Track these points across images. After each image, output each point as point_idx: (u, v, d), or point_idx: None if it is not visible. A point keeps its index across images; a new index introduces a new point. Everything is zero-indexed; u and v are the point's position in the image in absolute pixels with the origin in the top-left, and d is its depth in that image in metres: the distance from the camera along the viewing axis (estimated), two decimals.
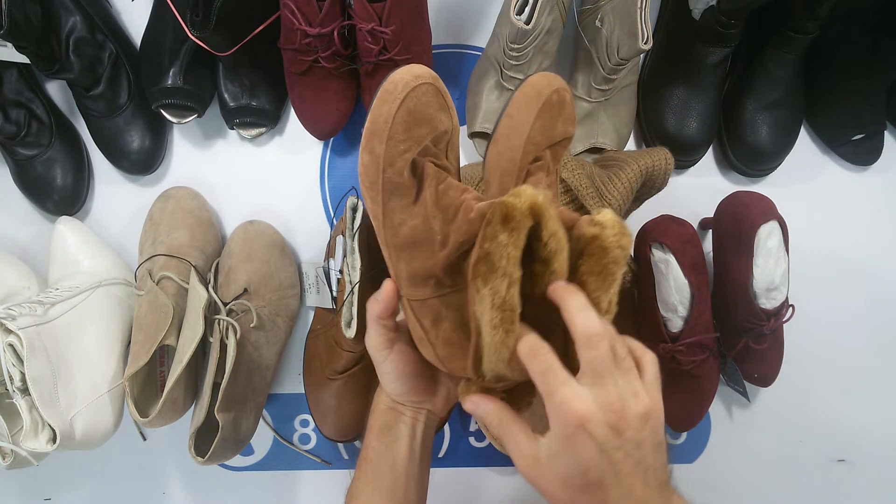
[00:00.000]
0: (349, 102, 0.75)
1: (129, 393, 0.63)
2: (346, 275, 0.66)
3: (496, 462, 0.78)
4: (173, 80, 0.72)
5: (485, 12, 0.81)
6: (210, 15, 0.63)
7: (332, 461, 0.79)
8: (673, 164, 0.66)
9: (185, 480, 0.79)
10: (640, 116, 0.78)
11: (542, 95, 0.44)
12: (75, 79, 0.72)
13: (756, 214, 0.62)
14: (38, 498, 0.78)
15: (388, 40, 0.66)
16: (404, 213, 0.42)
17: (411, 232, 0.42)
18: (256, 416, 0.70)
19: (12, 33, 0.63)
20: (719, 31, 0.69)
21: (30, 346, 0.59)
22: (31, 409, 0.59)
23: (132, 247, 0.76)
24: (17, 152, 0.74)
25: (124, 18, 0.80)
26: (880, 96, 0.76)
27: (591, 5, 0.70)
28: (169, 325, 0.65)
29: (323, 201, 0.80)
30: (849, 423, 0.79)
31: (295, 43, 0.68)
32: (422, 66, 0.41)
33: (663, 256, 0.63)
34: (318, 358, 0.72)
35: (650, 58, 0.78)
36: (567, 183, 0.64)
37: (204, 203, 0.77)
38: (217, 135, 0.80)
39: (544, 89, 0.44)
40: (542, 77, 0.45)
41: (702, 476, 0.79)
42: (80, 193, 0.77)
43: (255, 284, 0.71)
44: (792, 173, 0.79)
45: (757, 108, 0.75)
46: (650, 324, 0.65)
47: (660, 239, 0.63)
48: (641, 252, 0.65)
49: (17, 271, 0.73)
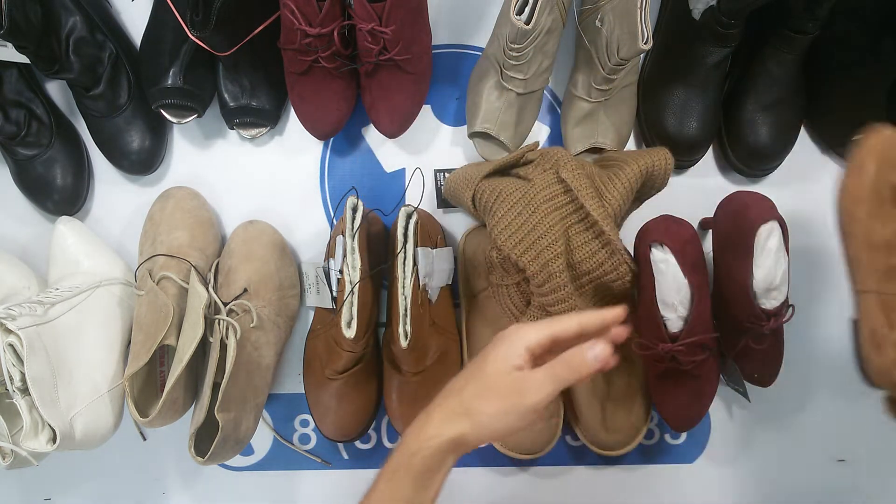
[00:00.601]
0: (349, 102, 0.75)
1: (129, 393, 0.63)
2: (346, 275, 0.66)
3: (496, 462, 0.78)
4: (173, 80, 0.72)
5: (485, 12, 0.81)
6: (210, 15, 0.63)
7: (332, 461, 0.79)
8: (673, 164, 0.66)
9: (186, 480, 0.79)
10: (640, 116, 0.78)
11: None
12: (75, 79, 0.72)
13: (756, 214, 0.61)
14: (38, 498, 0.79)
15: (388, 40, 0.66)
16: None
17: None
18: (256, 416, 0.70)
19: (12, 33, 0.63)
20: (719, 31, 0.69)
21: (30, 346, 0.59)
22: (31, 409, 0.60)
23: (132, 247, 0.76)
24: (17, 152, 0.74)
25: (124, 18, 0.80)
26: (880, 96, 0.76)
27: (591, 5, 0.70)
28: (169, 325, 0.65)
29: (323, 201, 0.80)
30: (849, 423, 0.79)
31: (295, 43, 0.68)
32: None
33: (663, 256, 0.63)
34: (318, 358, 0.72)
35: (650, 58, 0.78)
36: (567, 183, 0.64)
37: (204, 203, 0.77)
38: (217, 135, 0.80)
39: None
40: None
41: (702, 476, 0.79)
42: (80, 193, 0.77)
43: (255, 284, 0.71)
44: (792, 173, 0.79)
45: (757, 108, 0.75)
46: (650, 324, 0.65)
47: (660, 239, 0.63)
48: (641, 252, 0.65)
49: (17, 271, 0.73)
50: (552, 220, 0.62)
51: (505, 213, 0.63)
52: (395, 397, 0.71)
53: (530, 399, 0.42)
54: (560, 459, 0.78)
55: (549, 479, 0.78)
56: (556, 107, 0.81)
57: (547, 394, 0.42)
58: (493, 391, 0.43)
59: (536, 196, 0.64)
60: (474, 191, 0.67)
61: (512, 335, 0.44)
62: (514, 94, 0.71)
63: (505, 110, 0.72)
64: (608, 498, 0.78)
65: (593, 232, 0.63)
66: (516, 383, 0.43)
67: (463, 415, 0.43)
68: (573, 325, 0.44)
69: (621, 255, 0.63)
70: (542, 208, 0.63)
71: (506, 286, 0.68)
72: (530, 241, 0.62)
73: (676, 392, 0.69)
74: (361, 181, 0.80)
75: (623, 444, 0.72)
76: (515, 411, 0.42)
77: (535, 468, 0.78)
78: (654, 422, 0.78)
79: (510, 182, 0.66)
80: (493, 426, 0.43)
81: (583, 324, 0.44)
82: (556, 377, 0.42)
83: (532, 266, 0.61)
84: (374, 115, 0.73)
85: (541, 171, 0.66)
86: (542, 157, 0.67)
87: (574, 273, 0.64)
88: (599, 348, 0.42)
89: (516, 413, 0.42)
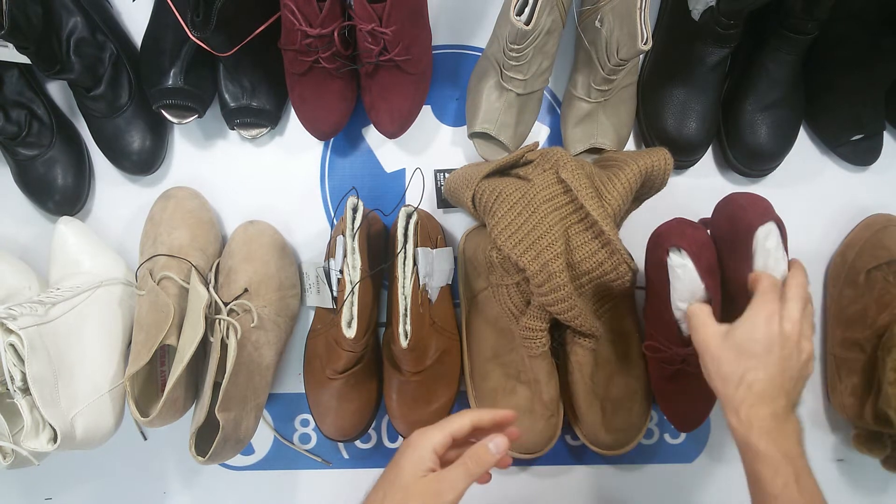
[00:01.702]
0: (349, 103, 0.75)
1: (129, 393, 0.63)
2: (347, 275, 0.66)
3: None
4: (174, 81, 0.72)
5: (485, 12, 0.81)
6: (210, 15, 0.63)
7: (332, 461, 0.79)
8: (672, 164, 0.66)
9: (186, 480, 0.79)
10: (639, 117, 0.79)
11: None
12: (76, 79, 0.72)
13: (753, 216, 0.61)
14: (38, 497, 0.79)
15: (389, 41, 0.66)
16: None
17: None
18: (257, 416, 0.70)
19: (13, 34, 0.63)
20: (719, 31, 0.69)
21: (31, 345, 0.60)
22: (31, 409, 0.60)
23: (133, 247, 0.76)
24: (18, 152, 0.74)
25: (125, 19, 0.80)
26: (880, 96, 0.76)
27: (590, 6, 0.70)
28: (170, 325, 0.65)
29: (323, 201, 0.80)
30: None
31: (295, 43, 0.68)
32: None
33: (681, 261, 0.62)
34: (319, 358, 0.72)
35: (649, 58, 0.78)
36: (567, 183, 0.64)
37: (204, 203, 0.77)
38: (217, 135, 0.81)
39: None
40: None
41: (701, 476, 0.79)
42: (80, 194, 0.78)
43: (255, 284, 0.71)
44: (791, 173, 0.79)
45: (756, 109, 0.75)
46: (663, 327, 0.65)
47: (677, 243, 0.63)
48: (657, 256, 0.64)
49: (17, 271, 0.73)
50: (552, 220, 0.63)
51: (505, 214, 0.64)
52: (395, 397, 0.71)
53: (449, 496, 0.46)
54: (560, 459, 0.78)
55: (548, 479, 0.79)
56: (555, 107, 0.81)
57: (462, 489, 0.46)
58: (413, 496, 0.46)
59: (536, 196, 0.64)
60: (474, 191, 0.67)
61: (417, 441, 0.48)
62: (513, 95, 0.71)
63: (505, 111, 0.72)
64: (608, 498, 0.79)
65: (593, 232, 0.63)
66: (432, 485, 0.46)
67: None
68: (466, 422, 0.50)
69: (621, 255, 0.63)
70: (541, 208, 0.63)
71: (506, 286, 0.68)
72: (530, 241, 0.62)
73: (683, 393, 0.69)
74: (362, 181, 0.80)
75: (623, 443, 0.72)
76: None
77: (534, 468, 0.78)
78: (653, 421, 0.78)
79: (510, 182, 0.66)
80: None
81: (475, 420, 0.50)
82: (468, 472, 0.47)
83: (532, 266, 0.61)
84: (375, 116, 0.73)
85: (541, 172, 0.66)
86: (542, 157, 0.67)
87: (574, 273, 0.64)
88: (499, 440, 0.48)
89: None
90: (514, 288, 0.68)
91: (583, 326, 0.64)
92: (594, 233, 0.63)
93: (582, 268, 0.63)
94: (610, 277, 0.64)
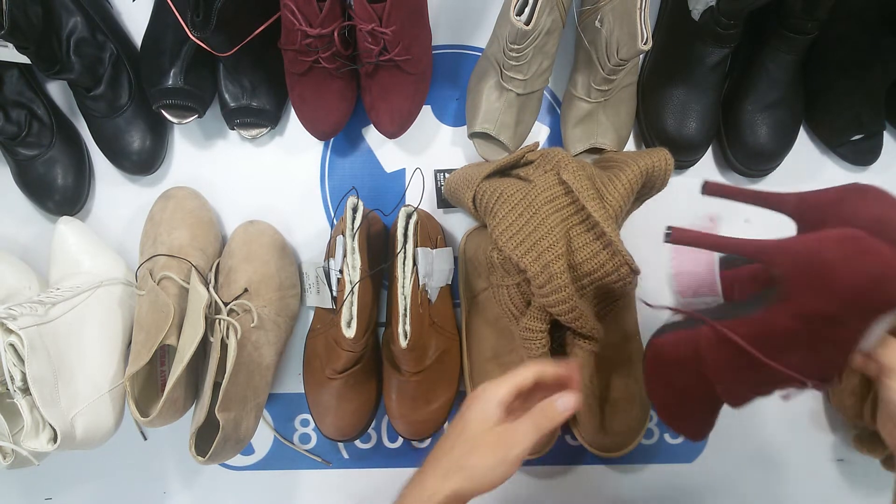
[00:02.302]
0: (349, 103, 0.75)
1: (129, 393, 0.63)
2: (347, 275, 0.66)
3: None
4: (174, 81, 0.72)
5: (485, 12, 0.81)
6: (210, 15, 0.63)
7: (332, 461, 0.79)
8: (673, 164, 0.66)
9: (186, 480, 0.79)
10: (639, 117, 0.79)
11: None
12: (76, 79, 0.72)
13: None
14: (38, 497, 0.79)
15: (389, 41, 0.66)
16: None
17: None
18: (257, 416, 0.70)
19: (13, 34, 0.63)
20: (719, 31, 0.69)
21: (31, 345, 0.60)
22: (31, 409, 0.60)
23: (133, 247, 0.76)
24: (18, 152, 0.74)
25: (125, 19, 0.80)
26: (880, 96, 0.76)
27: (590, 6, 0.70)
28: (170, 325, 0.65)
29: (323, 201, 0.80)
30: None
31: (295, 43, 0.68)
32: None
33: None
34: (318, 357, 0.72)
35: (649, 58, 0.78)
36: (568, 184, 0.64)
37: (204, 203, 0.77)
38: (217, 135, 0.81)
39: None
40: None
41: (701, 476, 0.79)
42: (80, 193, 0.78)
43: (255, 284, 0.71)
44: (791, 173, 0.79)
45: (756, 109, 0.75)
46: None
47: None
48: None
49: (17, 271, 0.73)
50: (553, 222, 0.63)
51: (506, 215, 0.64)
52: (394, 397, 0.71)
53: (518, 449, 0.47)
54: (560, 459, 0.78)
55: (548, 479, 0.79)
56: (555, 107, 0.81)
57: (531, 442, 0.47)
58: (482, 447, 0.47)
59: (538, 197, 0.64)
60: (475, 191, 0.67)
61: (483, 395, 0.49)
62: (513, 95, 0.71)
63: (505, 111, 0.72)
64: (608, 498, 0.79)
65: (595, 233, 0.63)
66: (502, 437, 0.47)
67: (457, 472, 0.47)
68: (530, 376, 0.50)
69: (623, 257, 0.63)
70: (543, 209, 0.63)
71: (506, 286, 0.68)
72: (531, 242, 0.62)
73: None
74: (362, 181, 0.80)
75: (621, 446, 0.71)
76: (506, 462, 0.47)
77: (534, 468, 0.78)
78: (653, 421, 0.78)
79: (511, 183, 0.66)
80: (488, 477, 0.47)
81: (538, 375, 0.50)
82: (537, 426, 0.48)
83: (533, 267, 0.61)
84: (375, 116, 0.73)
85: (542, 173, 0.66)
86: (543, 158, 0.67)
87: (575, 274, 0.64)
88: (567, 398, 0.49)
89: (507, 463, 0.47)
90: (514, 289, 0.68)
91: (584, 328, 0.64)
92: (596, 234, 0.63)
93: (584, 269, 0.63)
94: (612, 279, 0.64)
